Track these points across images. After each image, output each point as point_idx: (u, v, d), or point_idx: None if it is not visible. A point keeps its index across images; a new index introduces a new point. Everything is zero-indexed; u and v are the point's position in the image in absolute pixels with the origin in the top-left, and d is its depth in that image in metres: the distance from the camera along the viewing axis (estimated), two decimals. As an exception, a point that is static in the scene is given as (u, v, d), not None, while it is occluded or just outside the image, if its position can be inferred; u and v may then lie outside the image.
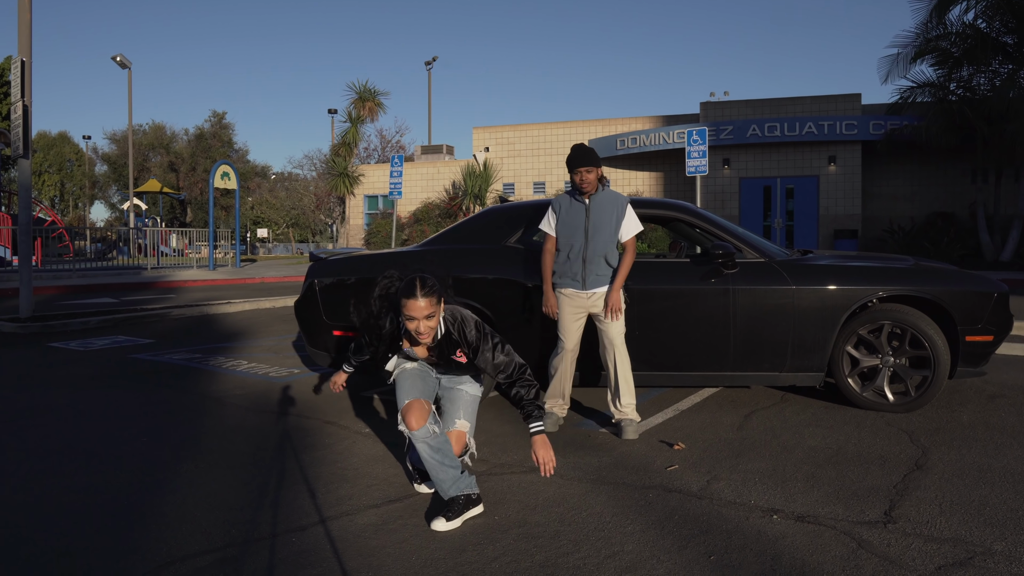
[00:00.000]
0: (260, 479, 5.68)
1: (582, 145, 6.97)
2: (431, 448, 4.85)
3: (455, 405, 5.22)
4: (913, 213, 33.00)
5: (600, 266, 6.89)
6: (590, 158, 6.85)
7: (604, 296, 6.90)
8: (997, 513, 4.91)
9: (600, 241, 6.87)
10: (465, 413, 5.20)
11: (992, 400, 7.95)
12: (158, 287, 24.89)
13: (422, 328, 4.75)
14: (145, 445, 6.57)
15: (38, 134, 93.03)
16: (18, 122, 14.34)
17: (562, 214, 7.03)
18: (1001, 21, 27.63)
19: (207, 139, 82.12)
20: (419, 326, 4.74)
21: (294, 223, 76.00)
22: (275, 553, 4.40)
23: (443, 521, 4.74)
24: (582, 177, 6.83)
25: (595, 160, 6.87)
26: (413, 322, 4.73)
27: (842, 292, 7.41)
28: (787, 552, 4.34)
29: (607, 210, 6.91)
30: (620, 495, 5.32)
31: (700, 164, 22.80)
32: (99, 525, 4.81)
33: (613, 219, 6.90)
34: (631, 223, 6.97)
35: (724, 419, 7.32)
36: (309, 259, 8.45)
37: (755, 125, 32.44)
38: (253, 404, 8.07)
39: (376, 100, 42.28)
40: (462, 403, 5.23)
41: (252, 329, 14.16)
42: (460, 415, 5.19)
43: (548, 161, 40.65)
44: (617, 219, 6.91)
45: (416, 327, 4.75)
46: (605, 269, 6.91)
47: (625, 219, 6.95)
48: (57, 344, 12.26)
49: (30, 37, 14.61)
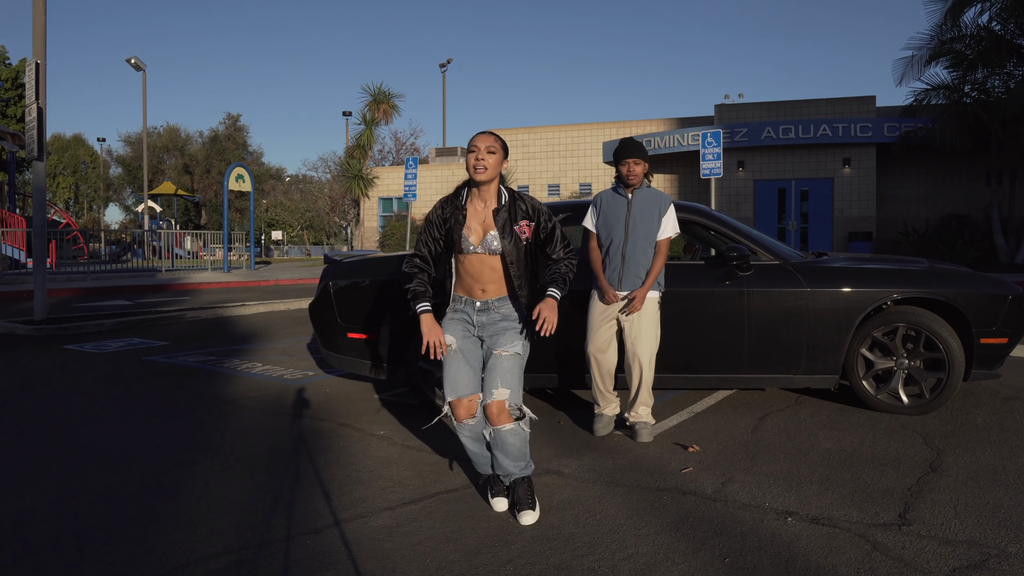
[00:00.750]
0: (275, 481, 5.70)
1: (631, 138, 6.96)
2: (472, 439, 5.03)
3: (492, 373, 4.92)
4: (927, 215, 32.90)
5: (639, 266, 6.79)
6: (639, 150, 6.81)
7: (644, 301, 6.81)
8: (1012, 515, 4.90)
9: (640, 236, 6.78)
10: (503, 380, 4.88)
11: (1007, 402, 7.93)
12: (172, 289, 24.96)
13: (483, 159, 4.82)
14: (160, 447, 6.59)
15: (52, 136, 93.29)
16: (33, 124, 14.40)
17: (603, 208, 7.00)
18: (1016, 23, 27.56)
19: (221, 141, 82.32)
20: (480, 155, 4.81)
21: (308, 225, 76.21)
22: (290, 555, 4.41)
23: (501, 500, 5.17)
24: (629, 168, 6.78)
25: (644, 153, 6.84)
26: (474, 153, 4.82)
27: (856, 294, 7.40)
28: (802, 554, 4.34)
29: (649, 206, 6.84)
30: (635, 497, 5.32)
31: (715, 166, 22.77)
32: (114, 527, 4.83)
33: (655, 216, 6.81)
34: (670, 223, 6.86)
35: (739, 421, 7.32)
36: (324, 261, 8.46)
37: (769, 127, 32.37)
38: (268, 406, 8.09)
39: (391, 102, 42.32)
40: (500, 369, 4.91)
41: (266, 331, 14.19)
42: (499, 383, 4.88)
43: (562, 163, 40.66)
44: (659, 216, 6.82)
45: (477, 157, 4.82)
46: (644, 272, 6.80)
47: (666, 217, 6.84)
48: (71, 346, 12.30)
49: (44, 39, 14.67)
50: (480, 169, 4.82)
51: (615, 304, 6.83)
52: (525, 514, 4.88)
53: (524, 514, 4.89)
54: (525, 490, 4.99)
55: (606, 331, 6.90)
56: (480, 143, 4.82)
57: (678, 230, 6.96)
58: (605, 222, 6.95)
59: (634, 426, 6.86)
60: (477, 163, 4.82)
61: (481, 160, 4.81)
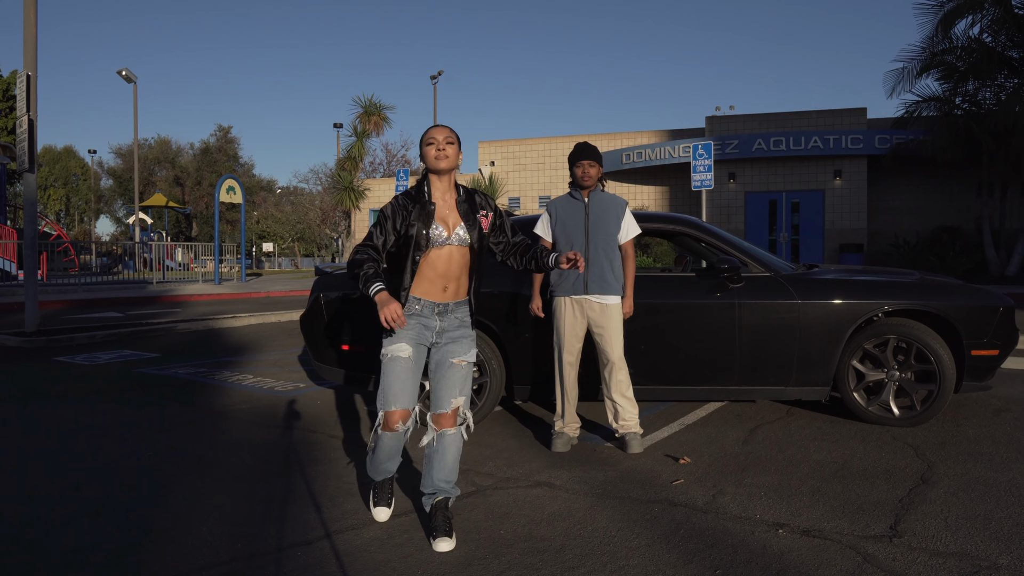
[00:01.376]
0: (266, 493, 5.69)
1: (586, 142, 7.01)
2: (393, 446, 4.88)
3: (450, 382, 4.84)
4: (919, 227, 32.99)
5: (603, 269, 6.76)
6: (593, 153, 6.88)
7: (609, 307, 6.77)
8: (1003, 527, 4.90)
9: (601, 239, 6.79)
10: (461, 389, 4.85)
11: (998, 414, 7.94)
12: (163, 301, 24.93)
13: (444, 149, 4.81)
14: (151, 459, 6.58)
15: (44, 148, 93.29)
16: (24, 136, 14.40)
17: (559, 214, 6.98)
18: (1007, 35, 27.67)
19: (213, 153, 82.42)
20: (440, 146, 4.80)
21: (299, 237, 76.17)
22: (280, 567, 4.40)
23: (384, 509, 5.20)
24: (584, 171, 6.83)
25: (598, 156, 6.91)
26: (433, 145, 4.81)
27: (847, 306, 7.41)
28: (792, 566, 4.34)
29: (607, 209, 6.87)
30: (626, 509, 5.32)
31: (705, 178, 22.81)
32: (104, 539, 4.82)
33: (612, 218, 6.85)
34: (631, 224, 6.91)
35: (729, 433, 7.32)
36: (315, 273, 8.46)
37: (760, 139, 32.47)
38: (259, 418, 8.08)
39: (381, 114, 42.27)
40: (457, 379, 4.85)
41: (258, 343, 14.17)
42: (456, 392, 4.84)
43: (553, 175, 40.71)
44: (616, 219, 6.85)
45: (437, 147, 4.80)
46: (609, 274, 6.77)
47: (625, 220, 6.89)
48: (63, 358, 12.27)
49: (36, 51, 14.66)
50: (442, 158, 4.79)
51: (586, 311, 6.80)
52: (441, 541, 4.68)
53: (440, 541, 4.68)
54: (444, 517, 4.80)
55: (578, 340, 6.89)
56: (438, 135, 4.82)
57: (639, 230, 7.05)
58: (563, 228, 6.91)
59: (624, 437, 6.81)
60: (439, 153, 4.79)
61: (442, 150, 4.79)
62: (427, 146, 4.82)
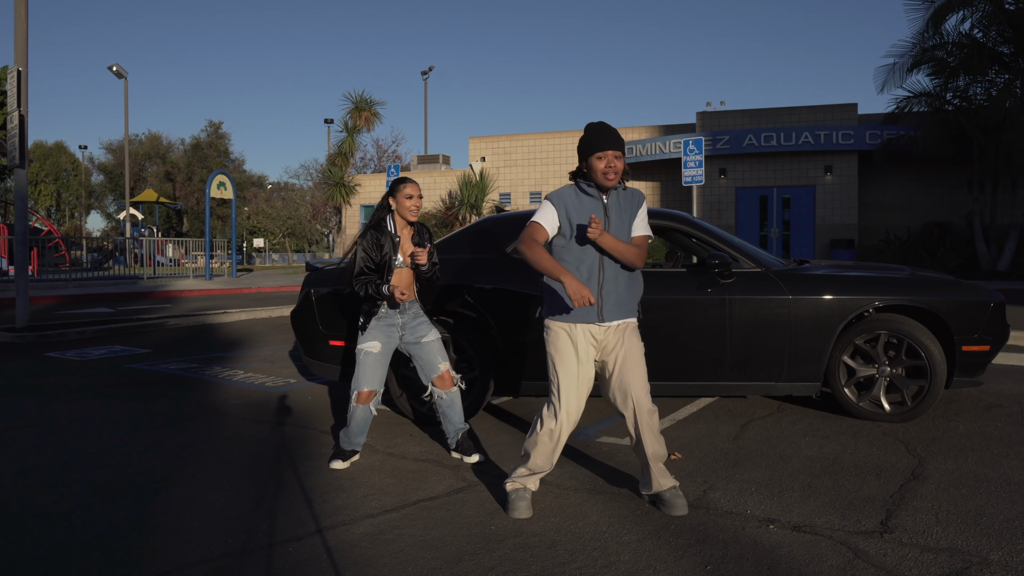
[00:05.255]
0: (257, 489, 5.68)
1: (605, 123, 5.13)
2: (364, 419, 6.28)
3: (430, 357, 6.39)
4: (909, 223, 33.04)
5: (621, 286, 5.18)
6: (620, 140, 5.08)
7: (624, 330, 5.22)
8: (994, 523, 4.91)
9: None
10: (441, 356, 6.43)
11: (989, 410, 7.96)
12: (154, 297, 24.89)
13: (417, 204, 6.27)
14: (141, 454, 6.56)
15: (34, 144, 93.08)
16: (14, 132, 14.36)
17: (570, 213, 5.15)
18: (998, 31, 27.69)
19: (203, 149, 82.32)
20: (416, 202, 6.24)
21: (290, 233, 76.08)
22: (272, 563, 4.39)
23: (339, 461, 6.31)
24: (608, 163, 5.01)
25: (623, 144, 5.10)
26: (411, 199, 6.23)
27: (838, 302, 7.41)
28: (783, 562, 4.34)
29: (625, 211, 5.24)
30: (617, 505, 5.32)
31: (696, 174, 22.83)
32: (95, 535, 4.81)
33: (628, 221, 5.23)
34: (643, 223, 5.29)
35: (720, 429, 7.33)
36: (305, 269, 8.44)
37: (751, 135, 32.49)
38: (250, 414, 8.07)
39: (372, 110, 42.28)
40: (434, 351, 6.41)
41: (249, 339, 14.15)
42: (438, 361, 6.41)
43: (544, 171, 40.67)
44: (630, 220, 5.24)
45: (413, 203, 6.24)
46: (627, 293, 5.22)
47: (638, 218, 5.28)
48: (53, 354, 12.25)
49: (26, 47, 14.63)
50: (414, 211, 6.28)
51: (597, 342, 5.21)
52: (474, 456, 6.38)
53: (473, 456, 6.38)
54: (468, 443, 6.48)
55: (587, 385, 5.22)
56: (415, 191, 6.27)
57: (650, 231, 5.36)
58: (577, 233, 5.15)
59: (661, 496, 5.25)
60: (414, 207, 6.27)
61: (417, 205, 6.28)
62: (407, 199, 6.26)
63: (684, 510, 5.13)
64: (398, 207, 6.26)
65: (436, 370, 6.39)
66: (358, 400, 6.22)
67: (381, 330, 6.28)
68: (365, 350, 6.25)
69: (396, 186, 6.27)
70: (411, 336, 6.40)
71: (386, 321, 6.30)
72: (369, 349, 6.24)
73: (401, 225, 6.35)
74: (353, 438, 6.31)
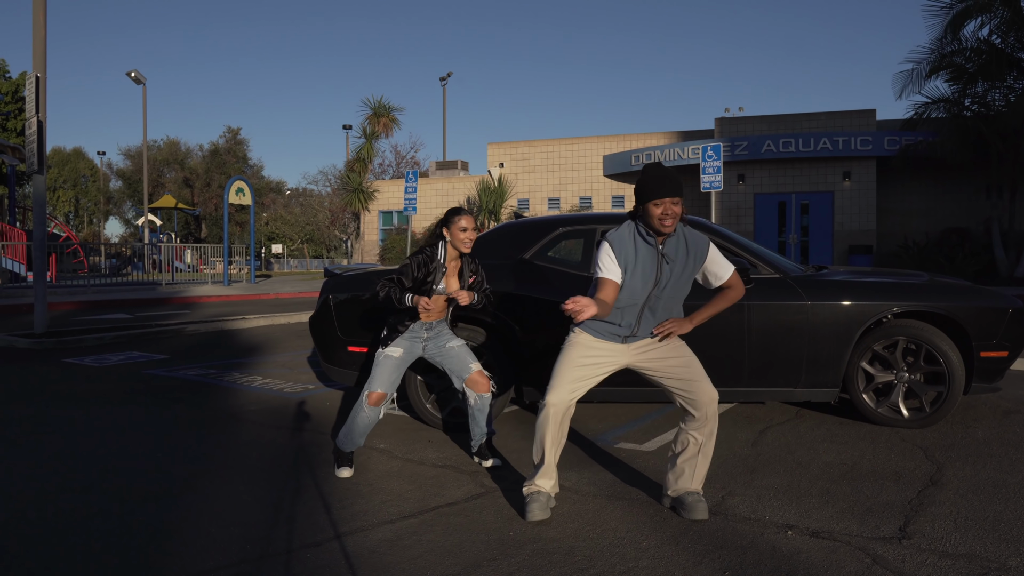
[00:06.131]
0: (275, 494, 5.70)
1: (661, 167, 5.07)
2: (369, 422, 6.21)
3: (460, 359, 6.40)
4: (928, 229, 32.91)
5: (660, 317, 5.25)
6: (676, 186, 4.99)
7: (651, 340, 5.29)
8: (1012, 529, 4.90)
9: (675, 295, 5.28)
10: (471, 359, 6.43)
11: (1007, 416, 7.93)
12: (173, 303, 24.96)
13: (471, 236, 6.15)
14: (159, 460, 6.59)
15: (53, 150, 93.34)
16: (33, 138, 14.44)
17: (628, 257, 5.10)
18: (1016, 37, 27.60)
19: (222, 155, 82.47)
20: (470, 234, 6.15)
21: (309, 239, 76.20)
22: (290, 569, 4.41)
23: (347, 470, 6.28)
24: (666, 209, 4.95)
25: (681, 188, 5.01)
26: (465, 232, 6.12)
27: (857, 308, 7.40)
28: (802, 568, 4.34)
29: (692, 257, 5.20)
30: (635, 511, 5.32)
31: (715, 180, 22.79)
32: (113, 541, 4.83)
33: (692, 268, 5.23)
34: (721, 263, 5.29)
35: (739, 435, 7.32)
36: (324, 275, 8.46)
37: (770, 141, 32.41)
38: (268, 420, 8.09)
39: (391, 116, 42.40)
40: (462, 354, 6.43)
41: (267, 345, 14.19)
42: (469, 361, 6.40)
43: (563, 177, 40.67)
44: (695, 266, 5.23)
45: (467, 236, 6.12)
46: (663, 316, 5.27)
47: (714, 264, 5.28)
48: (72, 360, 12.30)
49: (45, 53, 14.71)
50: (468, 244, 6.15)
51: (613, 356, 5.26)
52: (491, 460, 6.46)
53: (490, 460, 6.46)
54: (488, 446, 6.55)
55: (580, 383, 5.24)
56: (470, 224, 6.16)
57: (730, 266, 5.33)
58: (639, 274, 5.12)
59: (682, 499, 5.27)
60: (468, 240, 6.14)
61: (471, 238, 6.15)
62: (462, 232, 6.13)
63: (705, 514, 5.13)
64: (452, 238, 6.14)
65: (468, 370, 6.33)
66: (369, 401, 6.13)
67: (405, 339, 6.29)
68: (386, 353, 6.22)
69: (451, 217, 6.16)
70: (434, 346, 6.40)
71: (413, 333, 6.31)
72: (390, 353, 6.22)
73: (452, 256, 6.25)
74: (356, 439, 6.26)
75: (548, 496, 5.25)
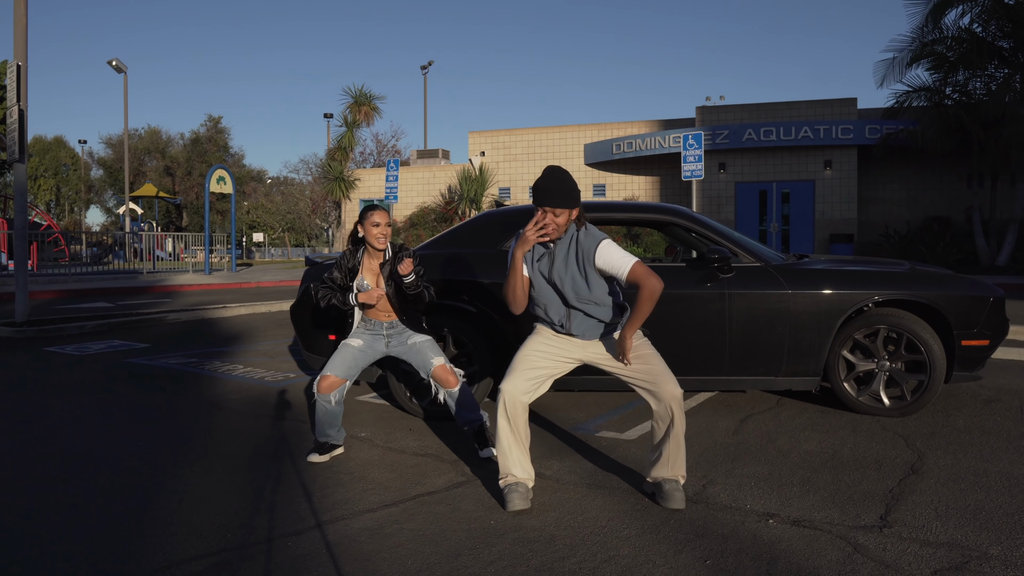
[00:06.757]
0: (256, 483, 5.68)
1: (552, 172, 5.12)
2: (325, 411, 6.20)
3: (422, 355, 6.37)
4: (909, 217, 33.04)
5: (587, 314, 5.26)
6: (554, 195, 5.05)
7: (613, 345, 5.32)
8: (993, 517, 4.91)
9: None
10: (433, 353, 6.37)
11: (988, 404, 7.96)
12: (154, 291, 24.89)
13: (384, 231, 6.18)
14: (141, 449, 6.56)
15: (34, 138, 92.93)
16: (14, 126, 14.37)
17: None
18: (997, 25, 27.71)
19: (203, 144, 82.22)
20: (382, 229, 6.16)
21: (290, 228, 76.07)
22: (271, 558, 4.39)
23: (316, 455, 6.27)
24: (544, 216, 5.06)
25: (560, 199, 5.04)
26: (377, 227, 6.15)
27: (838, 296, 7.41)
28: (783, 557, 4.34)
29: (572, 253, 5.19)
30: (616, 499, 5.32)
31: (696, 168, 22.87)
32: (95, 530, 4.81)
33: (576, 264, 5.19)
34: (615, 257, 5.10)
35: (719, 423, 7.33)
36: (305, 263, 8.44)
37: (751, 129, 32.48)
38: (249, 408, 8.07)
39: (372, 104, 42.33)
40: (424, 350, 6.38)
41: (248, 333, 14.16)
42: (431, 357, 6.35)
43: (544, 165, 40.46)
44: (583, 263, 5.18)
45: (379, 231, 6.15)
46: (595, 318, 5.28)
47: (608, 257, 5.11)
48: (53, 348, 12.25)
49: (26, 41, 14.62)
50: (382, 237, 6.20)
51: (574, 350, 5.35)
52: (486, 450, 6.26)
53: (485, 450, 6.26)
54: (482, 434, 6.34)
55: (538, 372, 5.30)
56: (383, 219, 6.19)
57: None
58: None
59: (660, 485, 5.26)
60: (381, 235, 6.19)
61: (384, 233, 6.20)
62: (374, 227, 6.18)
63: (681, 504, 5.13)
64: (366, 234, 6.21)
65: (430, 364, 6.30)
66: (319, 388, 6.13)
67: (367, 332, 6.41)
68: (344, 342, 6.35)
69: (364, 213, 6.23)
70: (398, 342, 6.43)
71: (372, 329, 6.40)
72: (348, 342, 6.33)
73: (374, 252, 6.31)
74: (325, 429, 6.26)
75: (526, 487, 5.21)
